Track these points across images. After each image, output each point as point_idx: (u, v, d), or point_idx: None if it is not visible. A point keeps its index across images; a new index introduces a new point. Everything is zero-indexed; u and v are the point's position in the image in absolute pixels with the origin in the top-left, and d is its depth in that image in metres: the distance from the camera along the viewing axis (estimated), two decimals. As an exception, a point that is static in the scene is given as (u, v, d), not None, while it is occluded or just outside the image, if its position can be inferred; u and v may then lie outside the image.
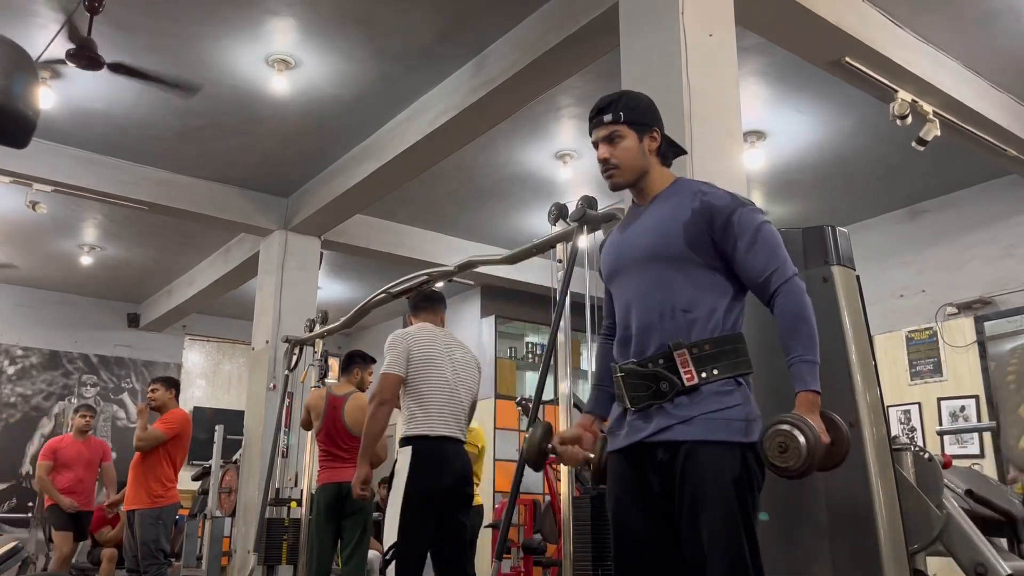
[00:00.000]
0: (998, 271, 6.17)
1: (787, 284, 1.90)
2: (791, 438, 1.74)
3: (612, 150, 2.08)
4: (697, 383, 1.89)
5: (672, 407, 1.90)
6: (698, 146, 3.15)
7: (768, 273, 1.92)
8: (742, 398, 1.89)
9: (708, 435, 1.86)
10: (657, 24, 3.43)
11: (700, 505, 1.83)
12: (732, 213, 1.96)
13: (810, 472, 1.76)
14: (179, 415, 5.33)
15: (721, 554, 1.80)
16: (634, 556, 1.95)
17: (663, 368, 1.92)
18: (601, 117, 2.10)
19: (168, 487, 5.21)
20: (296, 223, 6.68)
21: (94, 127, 5.67)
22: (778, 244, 1.96)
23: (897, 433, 5.15)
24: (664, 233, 2.01)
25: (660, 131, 2.13)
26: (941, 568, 3.39)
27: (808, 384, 1.82)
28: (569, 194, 6.31)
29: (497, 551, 3.39)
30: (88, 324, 9.58)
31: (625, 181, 2.11)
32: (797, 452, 1.73)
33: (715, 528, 1.81)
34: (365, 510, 4.60)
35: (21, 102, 1.09)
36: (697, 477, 1.84)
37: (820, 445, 1.75)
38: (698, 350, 1.90)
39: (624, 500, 1.99)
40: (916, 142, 4.64)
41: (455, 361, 3.70)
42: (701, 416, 1.87)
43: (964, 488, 3.05)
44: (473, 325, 8.96)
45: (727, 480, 1.83)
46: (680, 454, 1.87)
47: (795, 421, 1.76)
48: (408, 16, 4.44)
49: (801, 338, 1.86)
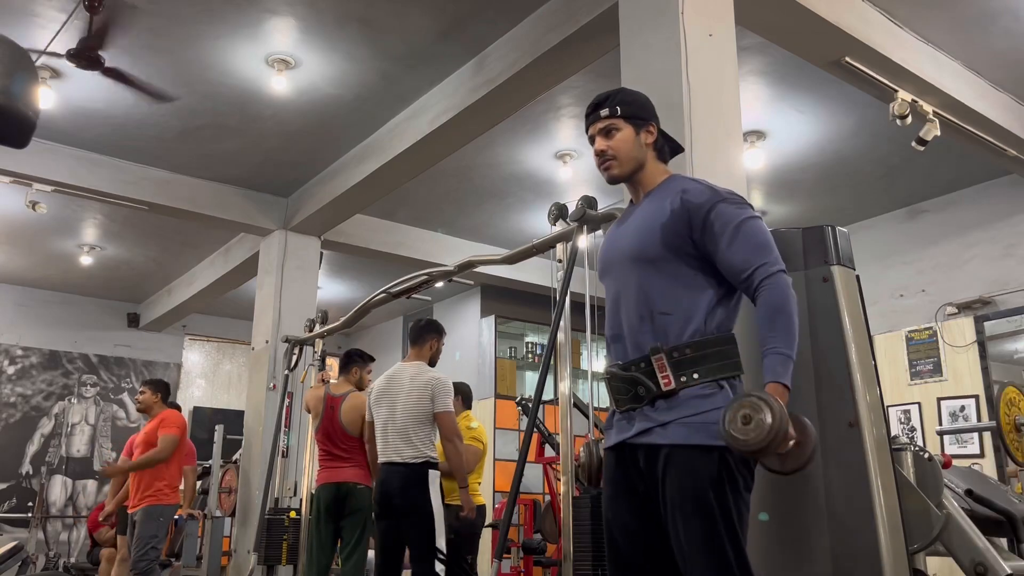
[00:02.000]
0: (998, 271, 6.16)
1: (771, 278, 1.86)
2: (756, 410, 1.70)
3: (608, 142, 2.08)
4: (675, 387, 1.87)
5: (652, 411, 1.90)
6: (698, 146, 3.15)
7: (751, 269, 1.88)
8: (723, 401, 1.84)
9: (685, 439, 1.84)
10: (657, 24, 3.43)
11: (680, 510, 1.83)
12: (710, 210, 1.94)
13: (766, 453, 1.71)
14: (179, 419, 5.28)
15: (704, 559, 1.79)
16: (625, 550, 1.97)
17: (641, 372, 1.91)
18: (598, 112, 2.11)
19: (174, 486, 5.23)
20: (296, 223, 6.68)
21: (94, 127, 5.67)
22: (762, 239, 1.92)
23: (897, 433, 5.16)
24: (643, 235, 2.00)
25: (657, 126, 2.13)
26: (941, 568, 3.39)
27: (779, 376, 1.79)
28: (569, 194, 6.31)
29: (497, 551, 3.39)
30: (88, 324, 9.58)
31: (621, 173, 2.10)
32: (760, 425, 1.68)
33: (695, 533, 1.80)
34: (363, 510, 4.60)
35: (21, 102, 1.09)
36: (676, 482, 1.84)
37: (785, 427, 1.69)
38: (678, 354, 1.88)
39: (614, 496, 2.01)
40: (916, 142, 4.64)
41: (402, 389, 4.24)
42: (678, 421, 1.86)
43: (964, 488, 3.05)
44: (473, 325, 8.96)
45: (705, 484, 1.81)
46: (660, 459, 1.87)
47: (764, 396, 1.72)
48: (408, 16, 4.44)
49: (777, 330, 1.82)
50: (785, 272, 1.90)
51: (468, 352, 8.95)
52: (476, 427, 5.37)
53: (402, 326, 10.17)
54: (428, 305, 9.65)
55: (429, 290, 8.15)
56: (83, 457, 9.27)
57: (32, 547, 8.02)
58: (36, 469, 8.97)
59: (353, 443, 4.71)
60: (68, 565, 7.96)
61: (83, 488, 9.18)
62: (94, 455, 9.33)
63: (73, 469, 9.18)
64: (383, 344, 10.29)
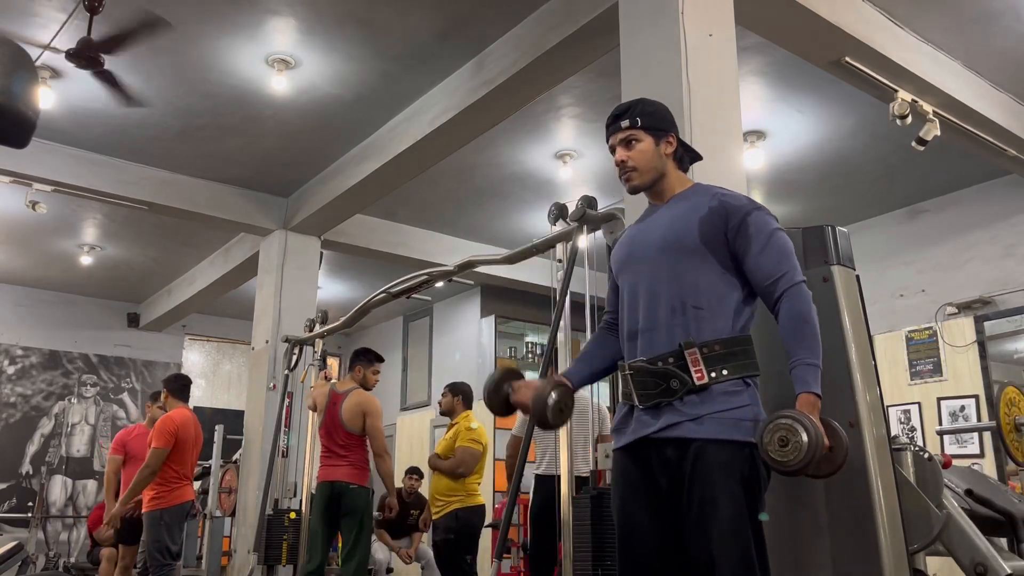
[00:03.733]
0: (998, 271, 6.16)
1: (794, 288, 1.92)
2: (792, 432, 1.74)
3: (629, 153, 2.11)
4: (707, 382, 1.89)
5: (682, 405, 1.91)
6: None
7: (776, 277, 1.93)
8: (750, 399, 1.91)
9: (719, 434, 1.87)
10: (657, 24, 3.43)
11: (709, 504, 1.84)
12: (748, 215, 1.99)
13: (808, 470, 1.76)
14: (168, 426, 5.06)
15: (729, 553, 1.80)
16: (639, 552, 1.96)
17: (674, 366, 1.92)
18: (618, 123, 2.13)
19: (173, 487, 5.06)
20: (296, 223, 6.68)
21: (94, 127, 5.67)
22: (789, 251, 1.98)
23: (897, 433, 5.15)
24: (680, 227, 2.03)
25: (676, 137, 2.16)
26: (941, 568, 3.39)
27: (810, 386, 1.83)
28: (569, 194, 6.31)
29: (497, 551, 3.40)
30: (88, 324, 9.58)
31: (642, 183, 2.13)
32: (798, 447, 1.73)
33: (724, 527, 1.82)
34: (358, 511, 4.61)
35: (21, 102, 1.09)
36: (707, 476, 1.85)
37: (821, 443, 1.74)
38: (708, 349, 1.91)
39: (629, 497, 2.00)
40: (916, 142, 4.64)
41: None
42: (711, 415, 1.88)
43: (964, 488, 3.05)
44: (473, 325, 8.96)
45: (737, 480, 1.84)
46: (690, 453, 1.88)
47: (797, 416, 1.77)
48: (408, 16, 4.44)
49: (805, 341, 1.87)
50: (806, 282, 1.95)
51: (468, 352, 8.96)
52: (476, 428, 5.38)
53: (402, 326, 10.18)
54: (428, 305, 9.66)
55: (429, 290, 8.15)
56: (83, 457, 9.27)
57: (32, 547, 8.02)
58: (36, 469, 8.97)
59: (353, 440, 4.72)
60: (68, 565, 7.97)
61: (83, 488, 9.18)
62: (94, 455, 9.33)
63: (73, 469, 9.18)
64: (383, 344, 10.28)
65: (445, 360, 9.32)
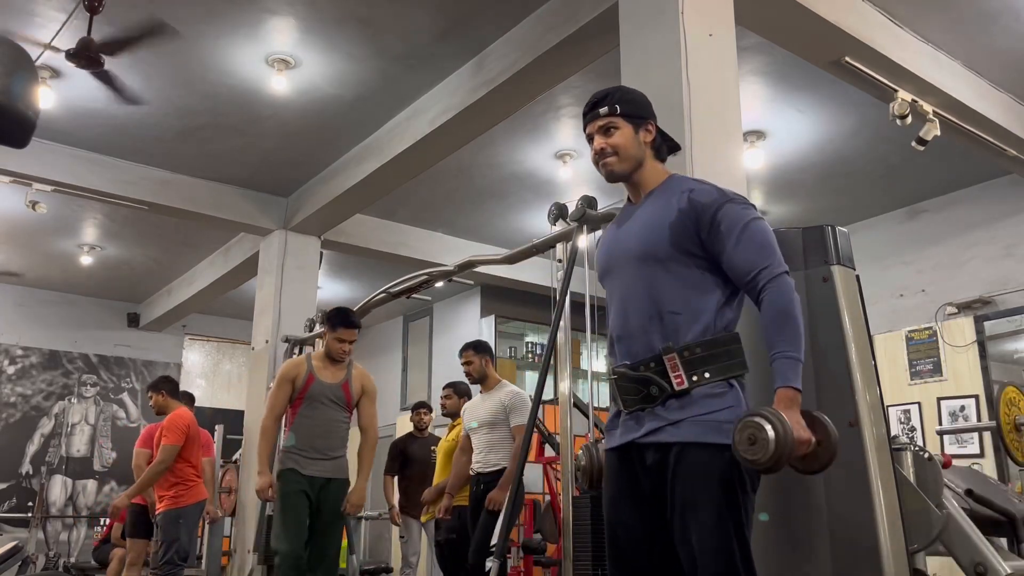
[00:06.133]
0: (998, 271, 6.16)
1: (775, 280, 1.88)
2: (760, 429, 1.73)
3: (607, 140, 2.08)
4: (687, 387, 1.88)
5: (663, 410, 1.90)
6: (698, 146, 3.15)
7: (757, 270, 1.89)
8: (734, 400, 1.88)
9: (698, 437, 1.85)
10: (657, 24, 3.43)
11: (689, 507, 1.83)
12: (718, 210, 1.94)
13: (779, 466, 1.75)
14: (179, 422, 5.16)
15: (711, 557, 1.79)
16: (627, 552, 1.96)
17: (653, 372, 1.91)
18: (596, 110, 2.10)
19: (189, 486, 5.11)
20: (296, 223, 6.68)
21: (94, 127, 5.67)
22: (767, 240, 1.93)
23: (897, 433, 5.16)
24: (650, 234, 2.00)
25: (655, 125, 2.13)
26: (941, 568, 3.39)
27: (789, 380, 1.81)
28: (569, 194, 6.31)
29: (497, 551, 3.40)
30: (88, 324, 9.57)
31: (621, 171, 2.09)
32: (765, 445, 1.72)
33: (704, 531, 1.81)
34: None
35: (21, 102, 1.09)
36: (686, 479, 1.85)
37: (790, 439, 1.73)
38: (689, 353, 1.89)
39: (617, 497, 2.01)
40: (916, 142, 4.64)
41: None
42: (691, 418, 1.87)
43: (964, 488, 3.05)
44: (473, 325, 8.96)
45: (715, 482, 1.82)
46: (670, 456, 1.88)
47: (766, 414, 1.75)
48: (408, 16, 4.44)
49: (785, 334, 1.84)
50: (788, 274, 1.91)
51: (468, 352, 8.94)
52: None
53: (402, 326, 10.17)
54: (428, 305, 9.65)
55: (429, 290, 8.13)
56: (83, 457, 9.27)
57: (32, 547, 8.01)
58: (36, 469, 8.97)
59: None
60: (68, 565, 7.95)
61: (83, 488, 9.18)
62: (94, 455, 9.33)
63: (73, 469, 9.17)
64: (383, 344, 10.29)
65: (445, 360, 9.30)
